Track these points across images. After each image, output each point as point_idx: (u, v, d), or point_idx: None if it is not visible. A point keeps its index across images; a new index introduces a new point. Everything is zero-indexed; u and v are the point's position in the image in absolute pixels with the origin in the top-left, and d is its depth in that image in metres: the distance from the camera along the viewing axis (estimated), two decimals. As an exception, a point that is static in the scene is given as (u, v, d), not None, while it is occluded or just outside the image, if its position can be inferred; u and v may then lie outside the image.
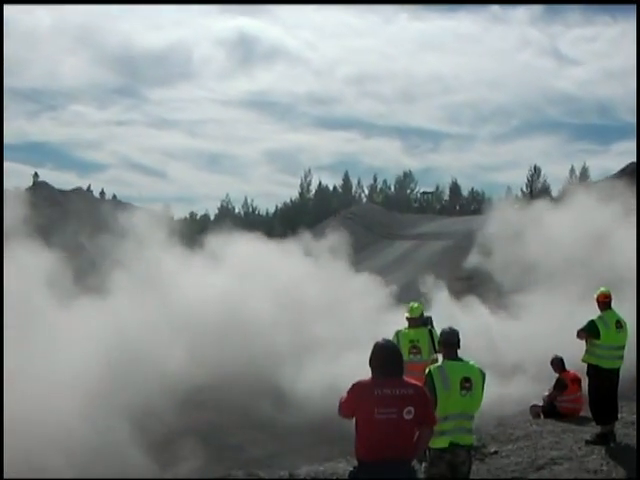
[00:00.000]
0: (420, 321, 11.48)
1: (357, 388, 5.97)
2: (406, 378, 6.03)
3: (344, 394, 6.05)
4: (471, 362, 7.34)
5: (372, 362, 6.03)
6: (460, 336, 7.39)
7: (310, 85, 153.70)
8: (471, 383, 7.17)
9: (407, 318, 11.44)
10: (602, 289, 11.20)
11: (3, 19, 22.05)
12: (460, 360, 7.29)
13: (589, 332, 10.87)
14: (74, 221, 28.49)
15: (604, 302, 11.00)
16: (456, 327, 7.52)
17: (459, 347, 7.35)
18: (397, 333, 11.18)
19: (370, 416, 5.79)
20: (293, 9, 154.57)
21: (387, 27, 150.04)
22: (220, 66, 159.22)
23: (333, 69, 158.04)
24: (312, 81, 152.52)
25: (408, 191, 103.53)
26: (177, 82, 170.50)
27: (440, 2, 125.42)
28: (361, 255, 42.27)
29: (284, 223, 72.05)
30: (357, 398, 5.91)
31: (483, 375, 7.29)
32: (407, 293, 27.79)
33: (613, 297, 11.13)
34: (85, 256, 27.93)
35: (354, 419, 5.98)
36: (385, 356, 6.01)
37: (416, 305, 11.66)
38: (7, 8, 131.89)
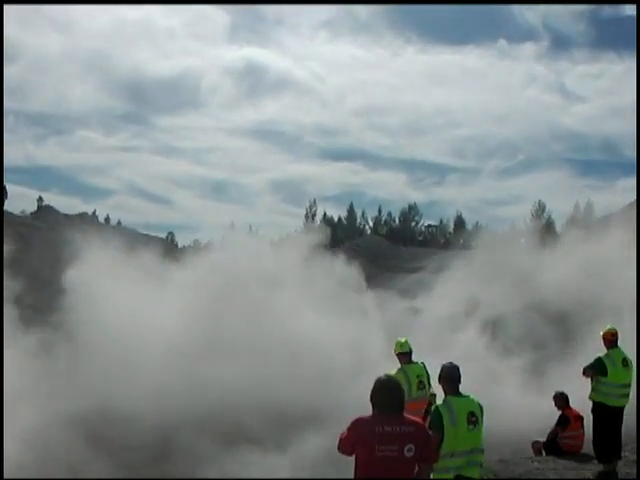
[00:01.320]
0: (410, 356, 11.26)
1: (357, 424, 5.90)
2: (406, 415, 5.97)
3: (344, 430, 5.98)
4: (471, 396, 7.32)
5: (373, 398, 5.96)
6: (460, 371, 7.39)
7: (317, 116, 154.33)
8: (476, 417, 7.16)
9: (400, 354, 11.02)
10: (609, 327, 11.15)
11: (3, 19, 22.03)
12: (462, 395, 7.28)
13: (596, 370, 10.82)
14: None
15: (610, 340, 10.96)
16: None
17: (460, 382, 7.33)
18: (403, 369, 10.83)
19: (371, 453, 5.72)
20: (302, 39, 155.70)
21: (394, 60, 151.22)
22: (228, 95, 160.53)
23: (340, 101, 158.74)
24: (319, 112, 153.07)
25: (413, 224, 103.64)
26: (185, 110, 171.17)
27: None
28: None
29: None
30: (358, 435, 5.84)
31: (482, 409, 7.28)
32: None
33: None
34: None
35: (354, 456, 5.90)
36: (387, 393, 5.94)
37: (404, 340, 11.26)
38: (18, 32, 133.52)
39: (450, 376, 7.36)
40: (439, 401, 7.56)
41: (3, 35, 24.26)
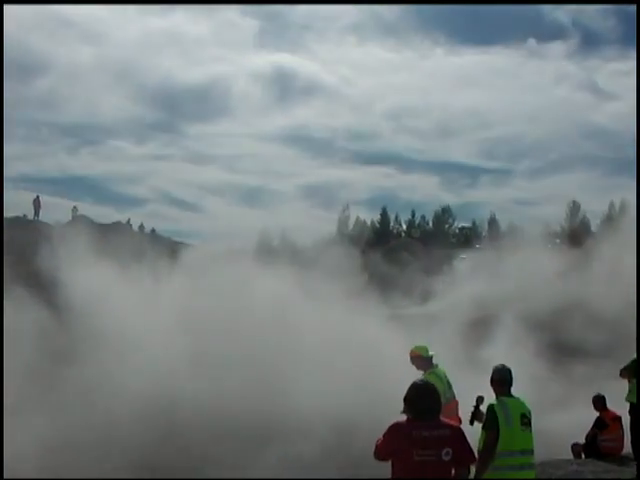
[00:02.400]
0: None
1: (394, 430, 5.88)
2: (442, 418, 5.97)
3: (380, 436, 5.96)
4: (521, 398, 7.38)
5: (409, 403, 5.95)
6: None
7: (347, 120, 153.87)
8: (528, 419, 7.22)
9: (423, 358, 10.96)
10: None
11: (3, 19, 22.05)
12: (514, 397, 7.34)
13: (632, 371, 10.74)
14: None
15: None
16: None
17: (512, 384, 7.37)
18: (437, 373, 10.69)
19: (408, 458, 5.70)
20: (330, 44, 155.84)
21: (423, 62, 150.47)
22: (258, 101, 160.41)
23: (370, 104, 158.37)
24: (349, 116, 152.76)
25: (446, 226, 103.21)
26: (215, 117, 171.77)
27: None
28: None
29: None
30: (394, 440, 5.83)
31: (530, 412, 7.34)
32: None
33: None
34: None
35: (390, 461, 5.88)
36: (424, 397, 5.93)
37: (425, 345, 11.02)
38: (48, 45, 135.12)
39: (502, 378, 7.43)
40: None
41: (3, 35, 24.28)
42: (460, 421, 8.72)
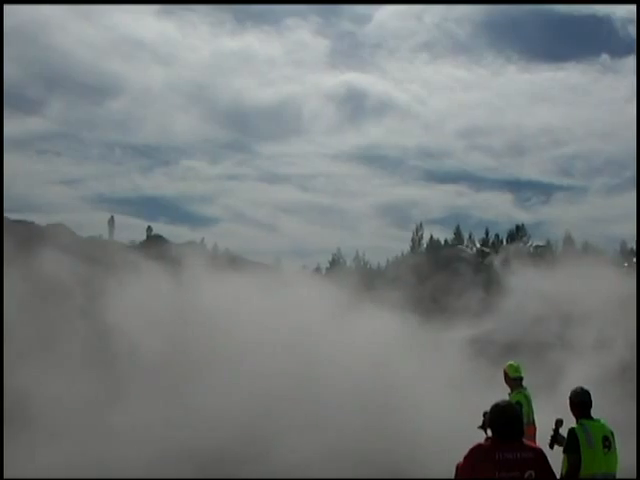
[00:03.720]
0: None
1: (477, 451, 5.87)
2: (525, 441, 5.94)
3: (460, 460, 5.94)
4: (602, 420, 7.25)
5: (492, 424, 5.95)
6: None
7: (420, 139, 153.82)
8: (610, 442, 7.09)
9: (515, 378, 10.89)
10: None
11: (3, 19, 22.10)
12: (594, 419, 7.21)
13: None
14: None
15: None
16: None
17: (591, 406, 7.26)
18: (525, 394, 10.60)
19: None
20: (402, 62, 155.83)
21: (496, 80, 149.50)
22: (329, 121, 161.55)
23: (442, 122, 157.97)
24: (422, 135, 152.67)
25: (520, 245, 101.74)
26: (287, 137, 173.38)
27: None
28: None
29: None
30: (477, 462, 5.79)
31: (613, 434, 7.19)
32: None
33: None
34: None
35: None
36: (507, 418, 5.90)
37: (517, 364, 11.08)
38: (122, 67, 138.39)
39: (582, 400, 7.35)
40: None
41: (3, 35, 24.54)
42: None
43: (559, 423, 7.77)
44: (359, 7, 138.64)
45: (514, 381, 10.71)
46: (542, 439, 8.09)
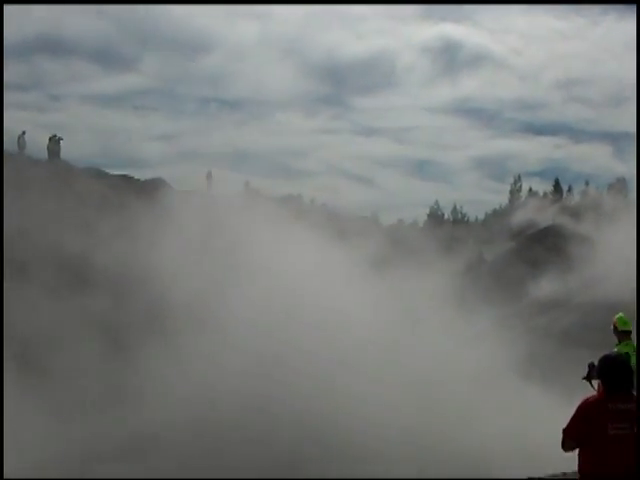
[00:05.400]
0: None
1: (587, 404, 5.87)
2: (633, 392, 5.94)
3: (568, 420, 5.95)
4: None
5: (603, 375, 5.93)
6: None
7: (516, 91, 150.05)
8: None
9: (624, 331, 10.75)
10: None
11: (3, 19, 21.99)
12: None
13: None
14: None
15: None
16: None
17: None
18: (629, 343, 10.44)
19: (603, 432, 5.68)
20: (497, 13, 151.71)
21: (594, 29, 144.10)
22: (424, 73, 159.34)
23: (539, 74, 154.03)
24: (518, 86, 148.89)
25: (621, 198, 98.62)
26: (381, 90, 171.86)
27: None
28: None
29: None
30: (589, 414, 5.79)
31: None
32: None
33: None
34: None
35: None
36: (617, 369, 5.89)
37: (623, 316, 10.73)
38: (214, 23, 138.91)
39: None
40: None
41: (3, 35, 24.56)
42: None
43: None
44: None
45: (622, 333, 10.61)
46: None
